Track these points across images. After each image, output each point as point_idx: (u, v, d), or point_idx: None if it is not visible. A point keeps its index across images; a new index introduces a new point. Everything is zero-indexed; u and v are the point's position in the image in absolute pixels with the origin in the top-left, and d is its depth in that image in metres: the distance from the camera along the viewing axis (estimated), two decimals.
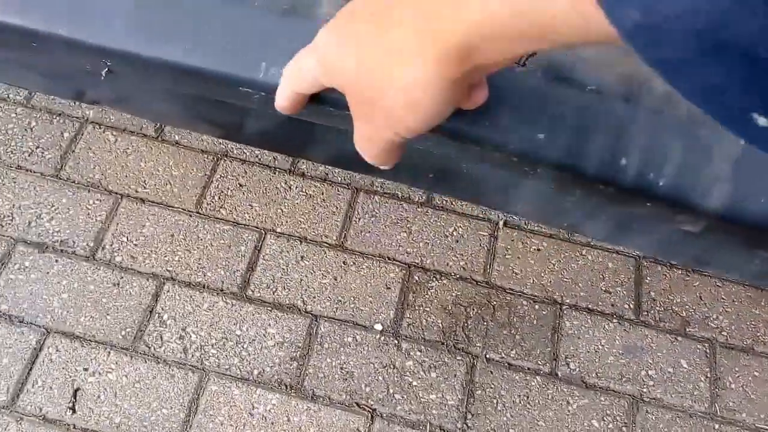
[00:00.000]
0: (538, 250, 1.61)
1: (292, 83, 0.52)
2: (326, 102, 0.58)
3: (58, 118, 1.69)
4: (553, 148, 0.58)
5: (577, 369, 1.49)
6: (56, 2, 0.59)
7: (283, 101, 0.54)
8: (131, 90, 0.73)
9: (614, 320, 1.55)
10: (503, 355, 1.48)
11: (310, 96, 0.54)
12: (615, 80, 0.59)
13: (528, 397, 1.45)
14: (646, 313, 1.56)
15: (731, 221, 0.58)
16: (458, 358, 1.47)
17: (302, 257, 1.55)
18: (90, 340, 1.43)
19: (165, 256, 1.53)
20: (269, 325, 1.47)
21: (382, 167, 0.52)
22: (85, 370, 1.40)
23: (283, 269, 1.53)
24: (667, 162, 0.58)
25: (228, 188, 1.62)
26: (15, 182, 1.60)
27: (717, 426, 1.45)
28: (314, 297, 1.51)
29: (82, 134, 1.67)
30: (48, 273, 1.49)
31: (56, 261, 1.51)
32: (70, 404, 1.36)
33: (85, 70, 0.65)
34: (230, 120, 0.75)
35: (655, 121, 0.58)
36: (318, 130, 0.69)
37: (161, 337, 1.44)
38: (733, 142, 0.57)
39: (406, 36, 0.39)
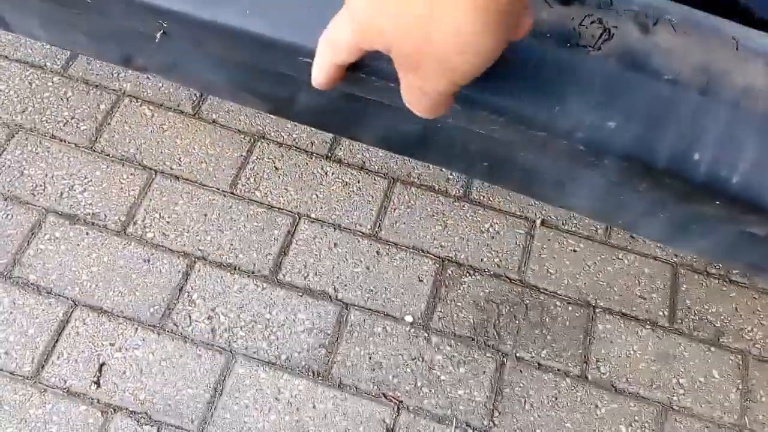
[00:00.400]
0: (575, 251, 1.58)
1: (328, 55, 0.50)
2: (375, 73, 0.56)
3: (94, 89, 1.69)
4: (623, 138, 0.55)
5: (608, 373, 1.45)
6: None
7: (321, 76, 0.52)
8: (183, 56, 0.71)
9: (647, 326, 1.51)
10: (533, 355, 1.45)
11: (353, 69, 0.52)
12: (691, 71, 0.56)
13: (556, 399, 1.42)
14: (680, 320, 1.53)
15: None
16: (488, 355, 1.45)
17: (335, 244, 1.53)
18: (118, 315, 1.42)
19: (197, 235, 1.52)
20: (299, 310, 1.45)
21: (431, 117, 0.50)
22: (112, 345, 1.39)
23: (316, 255, 1.52)
24: (741, 159, 0.55)
25: (264, 170, 1.61)
26: (49, 152, 1.59)
27: None
28: (346, 285, 1.49)
29: (119, 107, 1.67)
30: (78, 245, 1.49)
31: (87, 233, 1.50)
32: (95, 378, 1.36)
33: (138, 32, 0.63)
34: (281, 93, 0.73)
35: (731, 116, 0.55)
36: (370, 107, 0.66)
37: (190, 317, 1.42)
38: None
39: None
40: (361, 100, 0.63)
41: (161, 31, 0.60)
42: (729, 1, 0.61)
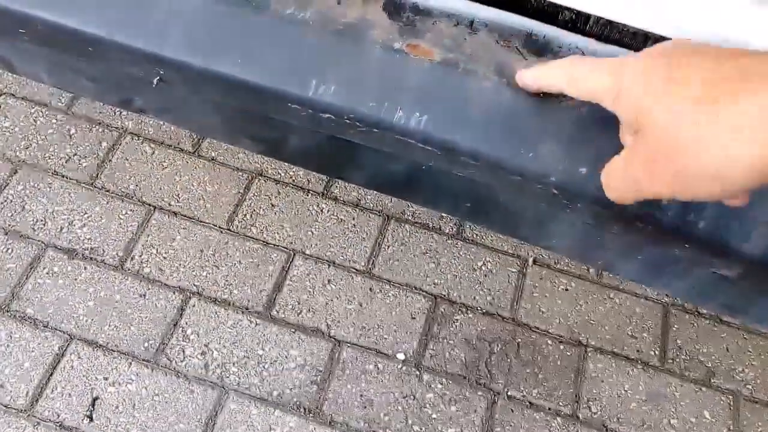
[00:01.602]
0: (566, 290, 1.60)
1: (558, 76, 0.53)
2: (360, 120, 0.59)
3: (97, 127, 1.73)
4: (594, 184, 0.57)
5: (599, 412, 1.46)
6: (114, 8, 0.61)
7: (533, 81, 0.56)
8: (179, 101, 0.74)
9: (639, 366, 1.52)
10: (525, 394, 1.46)
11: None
12: None
13: None
14: (671, 360, 1.54)
15: None
16: (479, 393, 1.45)
17: (329, 281, 1.55)
18: (112, 349, 1.43)
19: (193, 271, 1.54)
20: (292, 347, 1.46)
21: (616, 201, 0.51)
22: (105, 379, 1.40)
23: (310, 292, 1.54)
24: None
25: (260, 207, 1.64)
26: (50, 187, 1.63)
27: None
28: (338, 322, 1.50)
29: (120, 144, 1.70)
30: (76, 280, 1.51)
31: (85, 268, 1.53)
32: (88, 412, 1.37)
33: (137, 78, 0.66)
34: (274, 136, 0.76)
35: None
36: (359, 150, 0.69)
37: (183, 352, 1.44)
38: None
39: (748, 115, 0.38)
40: (349, 143, 0.66)
41: (158, 78, 0.63)
42: None
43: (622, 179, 0.48)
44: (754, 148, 0.37)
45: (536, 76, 0.55)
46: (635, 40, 0.64)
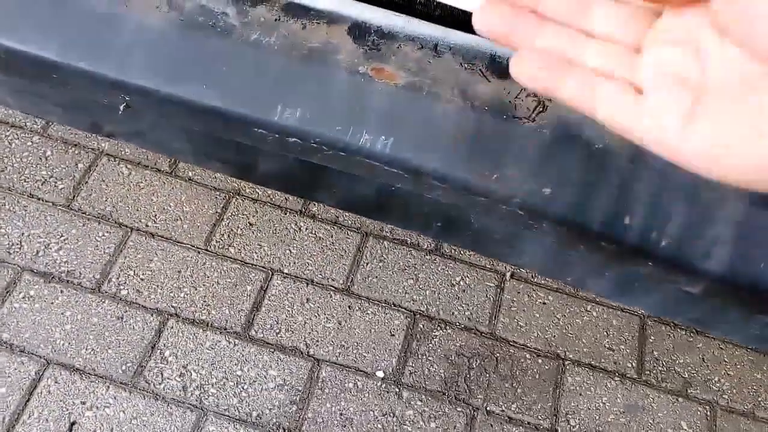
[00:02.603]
0: (544, 303, 1.61)
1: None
2: (326, 144, 0.59)
3: (73, 148, 1.72)
4: (558, 204, 0.58)
5: (578, 426, 1.47)
6: (78, 35, 0.61)
7: None
8: (147, 125, 0.74)
9: (616, 378, 1.53)
10: (504, 409, 1.47)
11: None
12: (621, 140, 0.59)
13: None
14: (648, 372, 1.55)
15: (731, 284, 0.58)
16: (459, 409, 1.46)
17: (308, 299, 1.55)
18: (90, 373, 1.42)
19: (171, 292, 1.53)
20: (271, 366, 1.46)
21: None
22: (83, 403, 1.39)
23: (288, 311, 1.53)
24: (669, 223, 0.58)
25: (238, 226, 1.63)
26: (26, 210, 1.61)
27: None
28: (317, 340, 1.50)
29: (97, 166, 1.70)
30: (52, 303, 1.50)
31: (61, 291, 1.51)
32: None
33: (103, 104, 0.66)
34: (243, 159, 0.76)
35: (659, 182, 0.58)
36: (328, 173, 0.69)
37: (162, 374, 1.43)
38: (735, 206, 0.57)
39: None
40: (317, 166, 0.66)
41: (124, 104, 0.63)
42: None
43: None
44: None
45: None
46: None
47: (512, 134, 0.58)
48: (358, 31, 0.62)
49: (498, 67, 0.62)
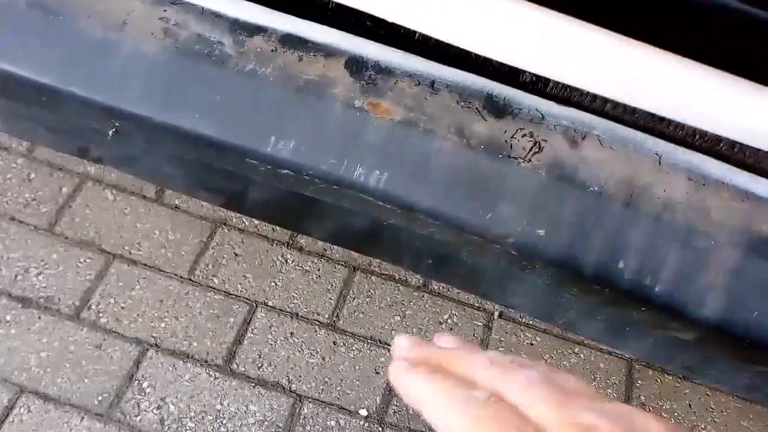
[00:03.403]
0: (532, 344, 1.59)
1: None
2: (318, 177, 0.58)
3: (58, 171, 1.70)
4: (551, 246, 0.57)
5: None
6: (70, 58, 0.60)
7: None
8: (136, 152, 0.73)
9: None
10: None
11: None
12: (616, 183, 0.59)
13: None
14: None
15: (723, 332, 0.58)
16: None
17: (292, 333, 1.53)
18: (64, 402, 1.38)
19: (151, 322, 1.50)
20: (251, 401, 1.43)
21: None
22: None
23: (271, 345, 1.50)
24: (663, 268, 0.57)
25: (223, 257, 1.61)
26: (7, 233, 1.58)
27: None
28: (300, 376, 1.47)
29: (81, 190, 1.67)
30: (29, 329, 1.46)
31: (39, 317, 1.48)
32: None
33: (93, 129, 0.65)
34: (232, 189, 0.75)
35: (653, 227, 0.58)
36: (319, 206, 0.68)
37: (138, 406, 1.39)
38: (729, 253, 0.57)
39: None
40: (309, 199, 0.65)
41: (113, 129, 0.62)
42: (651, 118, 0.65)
43: None
44: None
45: (417, 394, 0.39)
46: (594, 102, 0.65)
47: (507, 174, 0.58)
48: (356, 65, 0.62)
49: (494, 106, 0.61)
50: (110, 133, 0.63)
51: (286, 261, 1.62)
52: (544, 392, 0.35)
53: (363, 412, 1.44)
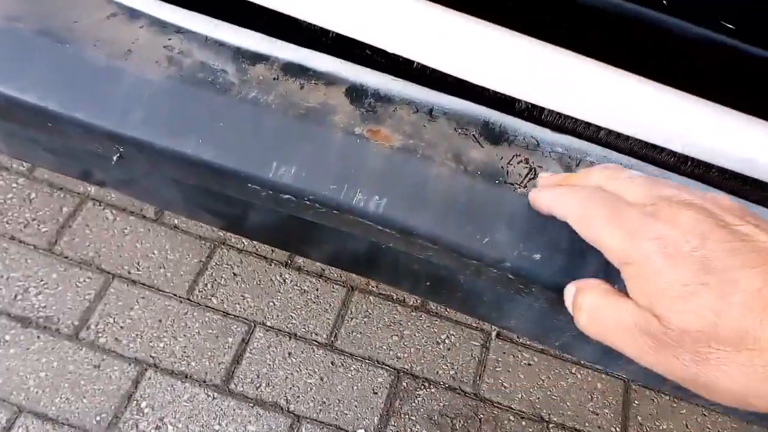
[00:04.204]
0: (529, 364, 1.60)
1: (570, 208, 0.50)
2: (319, 201, 0.59)
3: (59, 192, 1.71)
4: (548, 269, 0.58)
5: None
6: (75, 85, 0.62)
7: (545, 205, 0.54)
8: (138, 175, 0.74)
9: None
10: None
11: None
12: None
13: None
14: None
15: None
16: None
17: (290, 354, 1.53)
18: (63, 423, 1.38)
19: (150, 342, 1.51)
20: (249, 422, 1.43)
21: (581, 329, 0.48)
22: None
23: (269, 365, 1.51)
24: None
25: (222, 277, 1.62)
26: (6, 253, 1.59)
27: None
28: (298, 396, 1.47)
29: (81, 210, 1.69)
30: (28, 349, 1.47)
31: (38, 337, 1.49)
32: None
33: (96, 153, 0.66)
34: (233, 213, 0.76)
35: None
36: (319, 229, 0.69)
37: (137, 426, 1.39)
38: None
39: None
40: (309, 222, 0.66)
41: (117, 155, 0.63)
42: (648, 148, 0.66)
43: (632, 343, 0.43)
44: None
45: (549, 201, 0.53)
46: (588, 130, 0.66)
47: (504, 199, 0.59)
48: (356, 93, 0.63)
49: (491, 133, 0.63)
50: (114, 158, 0.64)
51: (285, 281, 1.63)
52: (639, 181, 0.46)
53: None
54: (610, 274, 0.58)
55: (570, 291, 0.51)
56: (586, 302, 0.49)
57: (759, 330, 0.36)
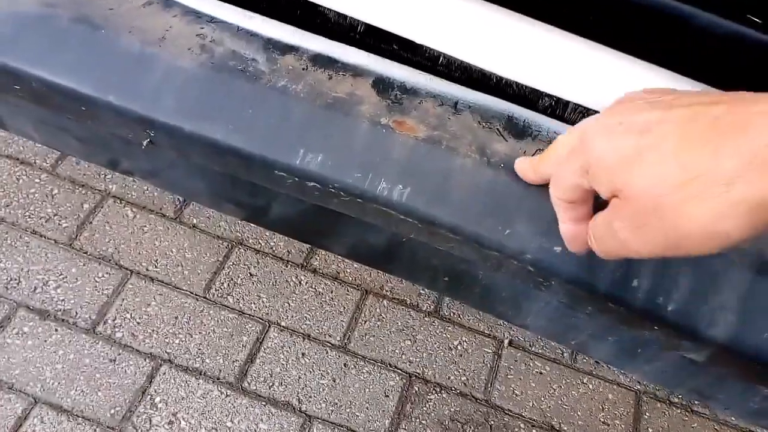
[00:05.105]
0: (541, 373, 1.59)
1: (556, 193, 0.52)
2: (344, 189, 0.60)
3: (80, 188, 1.73)
4: (568, 262, 0.59)
5: None
6: (109, 70, 0.63)
7: (532, 173, 0.58)
8: (167, 164, 0.76)
9: None
10: None
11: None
12: None
13: None
14: None
15: (734, 353, 0.59)
16: None
17: (303, 354, 1.54)
18: (77, 415, 1.40)
19: (166, 338, 1.52)
20: (261, 420, 1.44)
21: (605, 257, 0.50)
22: None
23: (283, 365, 1.52)
24: (676, 287, 0.59)
25: (238, 276, 1.63)
26: (27, 246, 1.62)
27: None
28: (310, 397, 1.48)
29: (102, 207, 1.71)
30: (45, 341, 1.48)
31: (56, 330, 1.50)
32: None
33: (126, 139, 0.68)
34: (258, 202, 0.77)
35: None
36: (341, 220, 0.71)
37: (150, 420, 1.41)
38: (741, 273, 0.58)
39: (732, 162, 0.37)
40: (332, 212, 0.67)
41: (148, 140, 0.65)
42: None
43: (611, 239, 0.46)
44: (747, 191, 0.37)
45: (534, 165, 0.57)
46: None
47: (526, 192, 0.60)
48: (382, 85, 0.64)
49: (514, 128, 0.64)
50: (144, 143, 0.66)
51: (300, 282, 1.64)
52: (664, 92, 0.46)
53: None
54: (630, 268, 0.59)
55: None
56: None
57: (699, 161, 0.39)
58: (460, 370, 1.57)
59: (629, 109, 0.44)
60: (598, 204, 0.48)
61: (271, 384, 1.49)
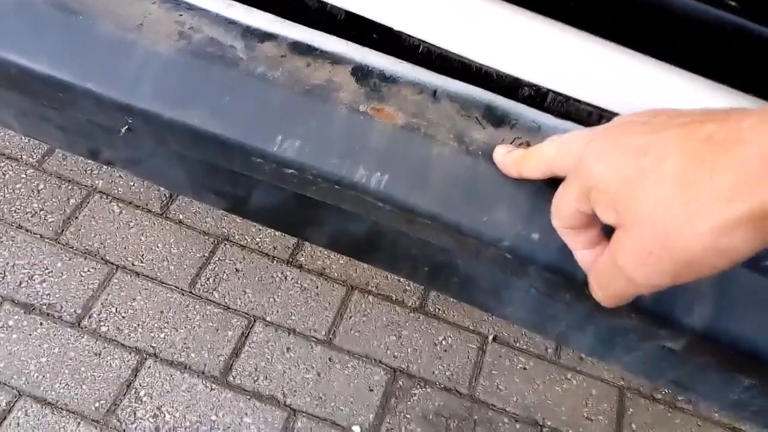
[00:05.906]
0: (524, 369, 1.60)
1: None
2: (322, 176, 0.60)
3: (67, 184, 1.73)
4: (546, 250, 0.59)
5: None
6: (87, 56, 0.63)
7: (513, 168, 0.58)
8: (147, 152, 0.76)
9: None
10: None
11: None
12: None
13: None
14: None
15: (712, 341, 0.59)
16: None
17: (288, 349, 1.54)
18: (61, 408, 1.39)
19: (151, 332, 1.52)
20: (246, 414, 1.43)
21: (612, 306, 0.50)
22: None
23: (268, 359, 1.52)
24: None
25: (224, 271, 1.63)
26: (13, 241, 1.61)
27: None
28: (295, 391, 1.48)
29: (88, 202, 1.70)
30: (30, 335, 1.48)
31: (41, 324, 1.50)
32: None
33: (105, 127, 0.68)
34: (237, 193, 0.77)
35: None
36: (320, 208, 0.71)
37: (135, 414, 1.40)
38: None
39: (733, 175, 0.37)
40: (311, 201, 0.67)
41: (126, 127, 0.64)
42: None
43: (617, 280, 0.46)
44: (749, 204, 0.37)
45: (516, 163, 0.58)
46: (591, 117, 0.68)
47: (504, 179, 0.60)
48: (361, 72, 0.65)
49: (493, 116, 0.64)
50: (123, 130, 0.65)
51: (286, 278, 1.64)
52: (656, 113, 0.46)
53: (356, 429, 1.45)
54: None
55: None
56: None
57: (698, 179, 0.39)
58: (445, 366, 1.57)
59: (625, 132, 0.45)
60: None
61: (255, 378, 1.49)
